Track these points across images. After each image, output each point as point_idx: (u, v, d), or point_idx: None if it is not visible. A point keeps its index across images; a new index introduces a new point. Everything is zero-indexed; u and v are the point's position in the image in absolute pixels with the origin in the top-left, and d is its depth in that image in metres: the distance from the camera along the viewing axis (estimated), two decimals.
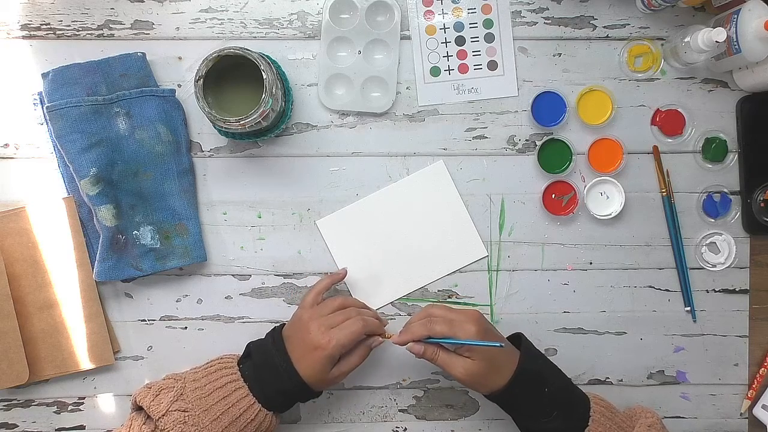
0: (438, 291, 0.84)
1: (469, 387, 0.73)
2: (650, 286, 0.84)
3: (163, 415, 0.69)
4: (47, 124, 0.79)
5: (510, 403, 0.73)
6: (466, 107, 0.84)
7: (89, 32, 0.82)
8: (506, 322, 0.84)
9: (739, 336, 0.85)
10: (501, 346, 0.70)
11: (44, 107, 0.78)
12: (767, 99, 0.83)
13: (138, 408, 0.73)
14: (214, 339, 0.83)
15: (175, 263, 0.81)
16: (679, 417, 0.85)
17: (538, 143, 0.83)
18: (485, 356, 0.70)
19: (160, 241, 0.80)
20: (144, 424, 0.70)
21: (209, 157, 0.83)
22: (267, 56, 0.76)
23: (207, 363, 0.76)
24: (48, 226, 0.80)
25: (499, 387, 0.71)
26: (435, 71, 0.83)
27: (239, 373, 0.73)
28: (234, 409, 0.70)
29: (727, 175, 0.84)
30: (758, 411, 0.84)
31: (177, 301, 0.83)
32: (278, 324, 0.78)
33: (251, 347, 0.76)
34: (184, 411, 0.70)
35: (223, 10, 0.82)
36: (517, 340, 0.75)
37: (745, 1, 0.75)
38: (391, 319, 0.84)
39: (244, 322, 0.83)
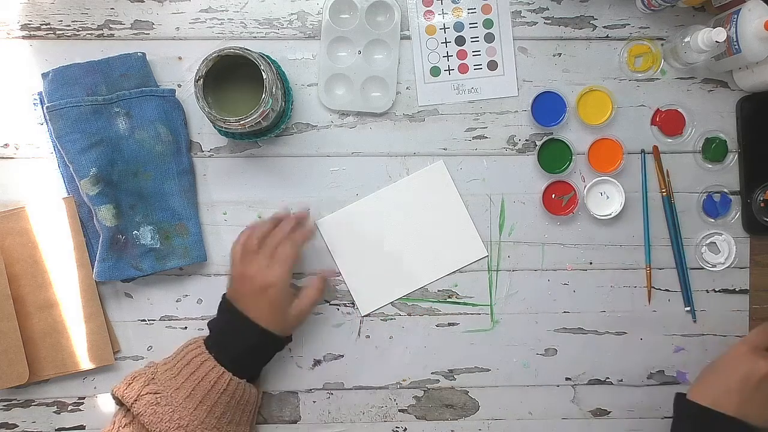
0: (438, 291, 0.84)
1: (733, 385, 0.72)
2: (651, 287, 0.84)
3: (135, 401, 0.70)
4: (47, 124, 0.79)
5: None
6: (466, 107, 0.84)
7: (89, 32, 0.82)
8: (506, 322, 0.84)
9: (739, 336, 0.85)
10: None
11: (44, 107, 0.78)
12: (767, 99, 0.83)
13: (120, 403, 0.73)
14: None
15: (175, 263, 0.81)
16: None
17: (538, 143, 0.83)
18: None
19: (160, 241, 0.80)
20: (123, 417, 0.71)
21: (209, 157, 0.83)
22: (267, 56, 0.76)
23: (178, 348, 0.77)
24: (48, 226, 0.80)
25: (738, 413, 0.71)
26: (435, 71, 0.83)
27: (204, 347, 0.73)
28: (204, 382, 0.71)
29: (727, 175, 0.84)
30: None
31: (177, 301, 0.83)
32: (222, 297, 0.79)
33: (210, 323, 0.77)
34: (155, 393, 0.70)
35: (223, 10, 0.82)
36: None
37: (745, 1, 0.75)
38: (391, 319, 0.84)
39: None
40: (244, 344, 0.73)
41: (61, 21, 0.82)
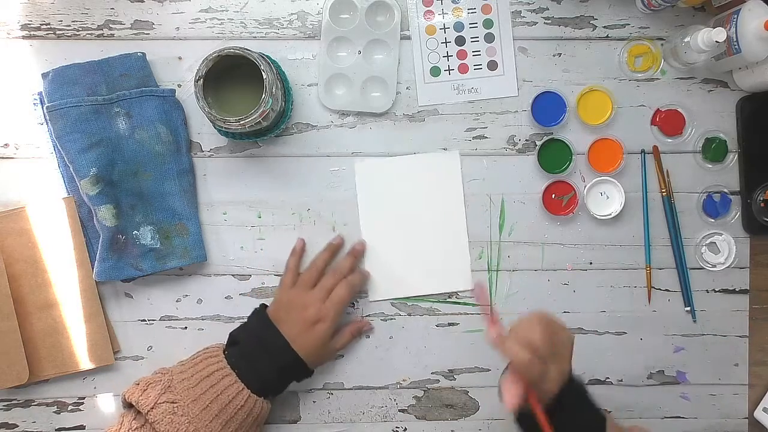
0: (438, 291, 0.84)
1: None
2: (651, 286, 0.84)
3: (152, 408, 0.70)
4: (47, 124, 0.79)
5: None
6: (466, 107, 0.84)
7: (89, 32, 0.82)
8: (506, 323, 0.84)
9: (739, 336, 0.85)
10: None
11: (44, 107, 0.78)
12: (767, 99, 0.83)
13: (129, 405, 0.73)
14: (214, 339, 0.82)
15: (175, 263, 0.81)
16: (679, 417, 0.85)
17: (538, 143, 0.83)
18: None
19: (160, 241, 0.80)
20: (134, 419, 0.71)
21: (209, 157, 0.83)
22: (267, 56, 0.76)
23: (193, 355, 0.76)
24: (48, 226, 0.80)
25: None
26: (435, 71, 0.83)
27: (225, 361, 0.73)
28: (223, 396, 0.71)
29: (727, 175, 0.84)
30: (759, 414, 0.84)
31: (177, 301, 0.83)
32: (257, 307, 0.79)
33: (236, 335, 0.77)
34: (172, 402, 0.70)
35: (223, 10, 0.82)
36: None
37: (745, 1, 0.75)
38: (391, 319, 0.84)
39: (244, 322, 0.83)
40: (277, 366, 0.74)
41: (61, 21, 0.82)
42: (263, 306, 0.79)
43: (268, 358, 0.74)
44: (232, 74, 0.76)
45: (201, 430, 0.70)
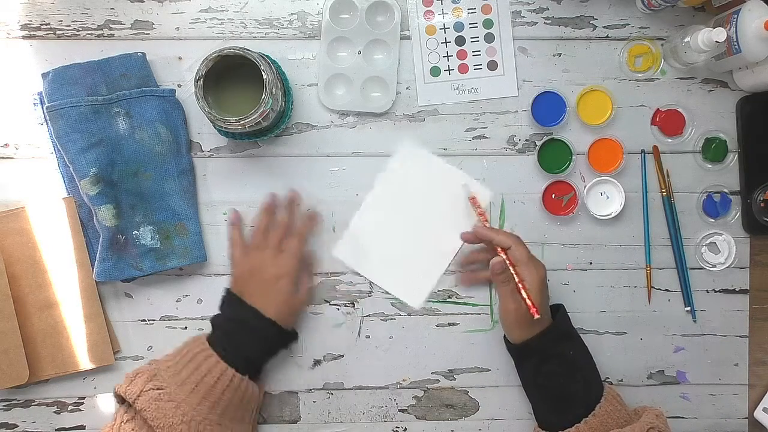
0: (438, 291, 0.84)
1: (510, 325, 0.75)
2: (650, 286, 0.84)
3: (138, 396, 0.70)
4: (47, 124, 0.79)
5: (536, 353, 0.75)
6: (466, 107, 0.84)
7: (89, 32, 0.82)
8: None
9: (739, 336, 0.85)
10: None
11: (44, 107, 0.78)
12: (767, 99, 0.83)
13: (122, 400, 0.73)
14: None
15: (175, 263, 0.81)
16: (679, 417, 0.85)
17: (538, 143, 0.83)
18: (538, 304, 0.73)
19: (160, 241, 0.80)
20: (125, 413, 0.71)
21: (209, 157, 0.83)
22: (267, 56, 0.76)
23: (178, 346, 0.77)
24: (48, 226, 0.80)
25: (533, 333, 0.74)
26: (435, 71, 0.83)
27: (207, 343, 0.74)
28: (208, 378, 0.71)
29: (727, 175, 0.84)
30: (759, 414, 0.84)
31: (177, 301, 0.83)
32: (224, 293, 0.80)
33: (213, 320, 0.78)
34: (158, 389, 0.71)
35: (223, 10, 0.82)
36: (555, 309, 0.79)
37: (745, 1, 0.75)
38: (391, 319, 0.84)
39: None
40: (253, 335, 0.75)
41: (61, 21, 0.82)
42: (227, 288, 0.79)
43: (243, 332, 0.75)
44: (232, 74, 0.76)
45: (189, 413, 0.70)
